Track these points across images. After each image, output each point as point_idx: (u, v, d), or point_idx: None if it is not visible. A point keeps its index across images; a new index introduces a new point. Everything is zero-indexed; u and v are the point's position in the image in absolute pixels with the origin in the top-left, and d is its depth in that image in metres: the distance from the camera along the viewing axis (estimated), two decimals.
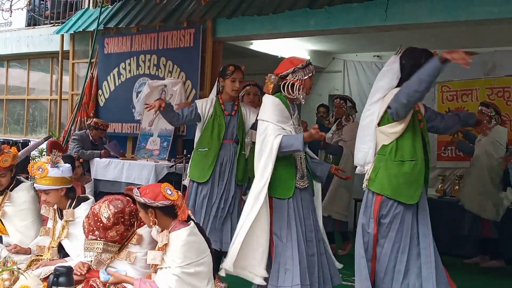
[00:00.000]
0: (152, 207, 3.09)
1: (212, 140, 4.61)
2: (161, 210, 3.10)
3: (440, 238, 6.64)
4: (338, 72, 9.12)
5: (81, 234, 3.58)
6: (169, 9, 7.51)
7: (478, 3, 5.13)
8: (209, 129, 4.64)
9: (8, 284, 3.15)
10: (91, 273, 3.23)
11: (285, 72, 3.77)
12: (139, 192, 3.13)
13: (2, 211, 4.19)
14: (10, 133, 11.00)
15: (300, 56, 3.98)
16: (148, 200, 3.08)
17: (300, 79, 3.74)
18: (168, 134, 7.11)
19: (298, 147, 3.60)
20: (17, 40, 10.33)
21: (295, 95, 3.74)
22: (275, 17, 6.36)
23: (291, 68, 3.76)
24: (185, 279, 3.03)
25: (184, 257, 3.04)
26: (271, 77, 3.79)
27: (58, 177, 3.75)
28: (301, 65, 3.76)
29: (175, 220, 3.14)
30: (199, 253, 3.12)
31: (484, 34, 6.68)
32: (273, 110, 3.70)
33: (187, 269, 3.03)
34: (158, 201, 3.08)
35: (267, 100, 3.78)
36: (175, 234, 3.09)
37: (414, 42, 7.61)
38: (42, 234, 3.92)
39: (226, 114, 4.68)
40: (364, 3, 5.68)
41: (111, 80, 8.08)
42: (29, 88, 10.73)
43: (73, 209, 3.76)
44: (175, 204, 3.11)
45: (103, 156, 6.98)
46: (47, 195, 3.77)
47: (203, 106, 4.67)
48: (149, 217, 3.12)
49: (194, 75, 7.01)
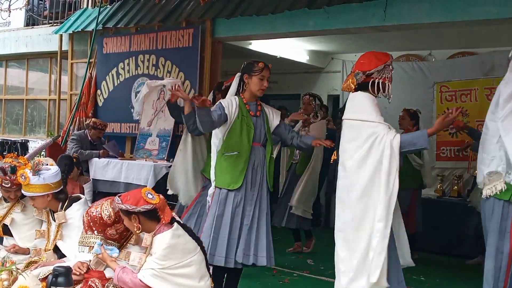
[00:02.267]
0: (134, 212, 3.10)
1: (242, 143, 4.17)
2: (144, 215, 3.11)
3: (440, 238, 6.72)
4: (337, 72, 9.12)
5: (75, 234, 3.60)
6: (168, 9, 7.50)
7: (477, 3, 5.13)
8: (236, 131, 4.18)
9: (7, 284, 3.14)
10: (90, 273, 3.23)
11: (372, 70, 3.51)
12: (120, 199, 3.14)
13: (12, 218, 4.15)
14: (9, 133, 11.00)
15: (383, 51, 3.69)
16: (130, 206, 3.09)
17: (387, 77, 3.51)
18: (167, 134, 7.11)
19: (423, 145, 3.37)
20: (15, 40, 10.32)
21: (384, 94, 3.50)
22: (274, 17, 6.36)
23: (380, 66, 3.50)
24: (167, 277, 3.06)
25: (166, 259, 3.06)
26: (357, 75, 3.52)
27: (40, 184, 3.71)
28: (389, 61, 3.53)
29: (159, 223, 3.15)
30: (185, 254, 3.13)
31: (482, 34, 6.68)
32: (375, 109, 3.42)
33: (170, 270, 3.06)
34: (140, 206, 3.09)
35: (362, 98, 3.49)
36: (158, 237, 3.11)
37: (413, 42, 7.67)
38: (38, 237, 3.91)
39: (252, 114, 4.26)
40: (363, 4, 5.68)
41: (109, 80, 8.07)
42: (28, 88, 10.72)
43: (64, 211, 3.75)
44: (157, 208, 3.12)
45: (101, 156, 6.98)
46: (34, 200, 3.77)
47: (229, 106, 4.18)
48: (133, 223, 3.13)
49: (193, 75, 7.01)
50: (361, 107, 3.46)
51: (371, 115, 3.41)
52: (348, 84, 3.55)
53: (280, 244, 6.60)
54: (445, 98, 7.70)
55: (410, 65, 8.30)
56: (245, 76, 4.24)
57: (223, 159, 4.21)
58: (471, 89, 7.47)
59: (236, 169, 4.15)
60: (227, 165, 4.19)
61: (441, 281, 5.65)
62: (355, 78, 3.52)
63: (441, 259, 6.55)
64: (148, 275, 3.05)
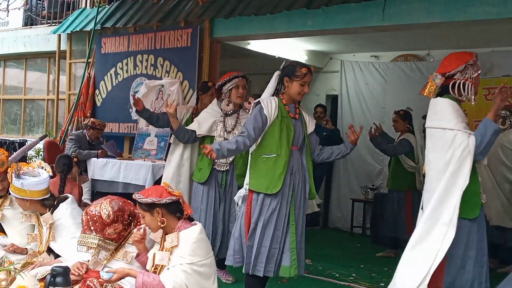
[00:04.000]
0: (159, 205, 3.10)
1: (281, 145, 3.95)
2: (167, 208, 3.11)
3: None
4: (336, 72, 9.12)
5: (65, 234, 3.62)
6: (166, 9, 7.50)
7: (475, 3, 5.13)
8: (275, 132, 3.96)
9: (5, 284, 3.14)
10: (89, 273, 3.22)
11: (453, 71, 3.39)
12: (141, 195, 3.14)
13: (2, 214, 4.16)
14: (7, 133, 10.98)
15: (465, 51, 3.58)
16: (155, 199, 3.09)
17: (471, 77, 3.38)
18: (165, 134, 7.09)
19: (493, 128, 3.29)
20: (14, 40, 10.30)
21: (466, 95, 3.37)
22: (273, 17, 6.35)
23: (461, 66, 3.37)
24: (194, 276, 3.03)
25: (194, 254, 3.05)
26: (436, 78, 3.39)
27: (18, 188, 3.71)
28: (471, 61, 3.39)
29: (180, 220, 3.15)
30: (207, 251, 3.15)
31: (481, 34, 6.68)
32: (455, 115, 3.31)
33: (196, 266, 3.04)
34: (165, 197, 3.11)
35: (443, 105, 3.37)
36: (185, 232, 3.11)
37: (411, 42, 7.67)
38: (30, 241, 3.91)
39: (291, 116, 4.06)
40: (361, 4, 5.68)
41: (108, 80, 8.06)
42: (26, 88, 10.70)
43: (51, 213, 3.74)
44: (180, 200, 3.15)
45: (100, 156, 6.97)
46: (16, 200, 3.79)
47: (268, 106, 3.98)
48: (156, 217, 3.11)
49: (192, 75, 7.00)
50: (441, 114, 3.35)
51: (450, 122, 3.30)
52: (428, 89, 3.42)
53: None
54: None
55: (408, 65, 8.32)
56: (286, 79, 4.05)
57: (260, 161, 3.99)
58: None
59: (275, 172, 3.92)
60: (265, 167, 3.96)
61: None
62: (434, 81, 3.42)
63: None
64: (178, 272, 2.99)
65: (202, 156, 4.72)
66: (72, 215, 3.73)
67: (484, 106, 7.28)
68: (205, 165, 4.93)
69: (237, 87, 4.99)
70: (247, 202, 4.02)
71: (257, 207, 3.93)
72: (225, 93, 5.04)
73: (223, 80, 5.05)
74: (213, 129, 5.00)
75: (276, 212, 3.91)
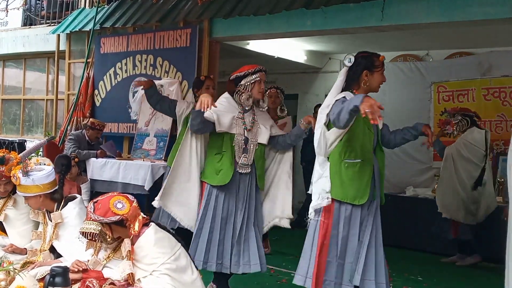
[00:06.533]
0: (103, 223, 3.07)
1: (365, 149, 3.54)
2: (115, 223, 3.08)
3: (438, 238, 6.71)
4: (335, 72, 9.12)
5: (70, 233, 3.60)
6: (165, 9, 7.50)
7: (474, 4, 5.14)
8: (358, 133, 3.53)
9: (4, 284, 3.13)
10: (88, 273, 3.22)
11: None
12: (93, 206, 3.10)
13: (5, 214, 4.15)
14: (6, 133, 10.98)
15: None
16: (97, 217, 3.05)
17: None
18: (165, 134, 7.10)
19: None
20: (13, 40, 10.30)
21: None
22: (272, 17, 6.35)
23: None
24: (174, 275, 3.03)
25: (161, 255, 3.04)
26: None
27: (30, 185, 3.70)
28: None
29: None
30: (172, 246, 3.13)
31: (480, 34, 6.69)
32: None
33: (169, 264, 3.03)
34: (108, 217, 3.05)
35: None
36: (142, 238, 3.08)
37: (410, 42, 7.67)
38: (34, 238, 3.90)
39: None
40: (360, 4, 5.69)
41: (107, 80, 8.06)
42: (25, 88, 10.70)
43: (60, 210, 3.74)
44: (125, 219, 3.06)
45: (99, 156, 6.97)
46: (28, 200, 3.77)
47: None
48: (106, 231, 3.10)
49: (191, 75, 7.00)
50: None
51: None
52: None
53: (278, 244, 6.60)
54: (442, 98, 7.71)
55: (407, 65, 8.32)
56: (365, 72, 3.54)
57: (343, 167, 3.52)
58: (469, 89, 7.48)
59: (362, 180, 3.51)
60: (351, 174, 3.52)
61: (438, 281, 5.65)
62: None
63: (438, 258, 6.55)
64: (162, 278, 2.97)
65: (222, 156, 4.20)
66: (79, 215, 3.72)
67: (484, 106, 7.32)
68: (226, 166, 4.22)
69: (260, 82, 4.36)
70: (324, 213, 3.55)
71: (346, 220, 3.52)
72: (247, 85, 4.33)
73: (244, 72, 4.35)
74: (232, 126, 4.32)
75: (364, 225, 3.55)
